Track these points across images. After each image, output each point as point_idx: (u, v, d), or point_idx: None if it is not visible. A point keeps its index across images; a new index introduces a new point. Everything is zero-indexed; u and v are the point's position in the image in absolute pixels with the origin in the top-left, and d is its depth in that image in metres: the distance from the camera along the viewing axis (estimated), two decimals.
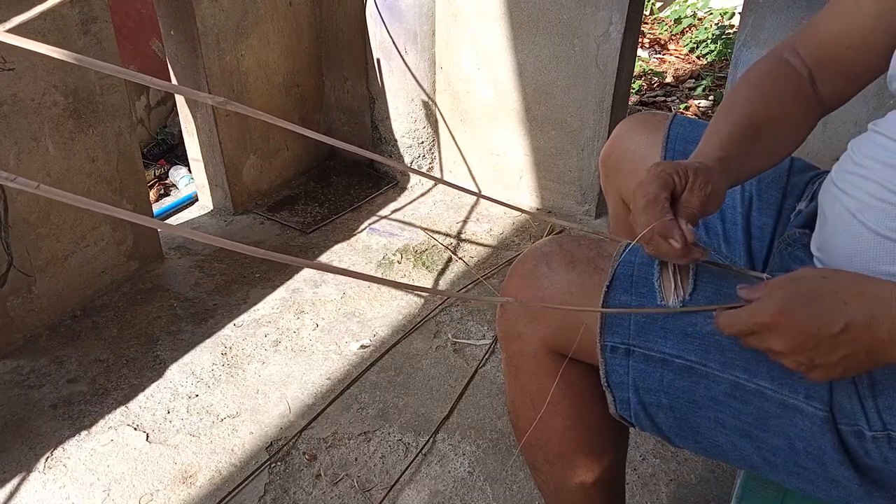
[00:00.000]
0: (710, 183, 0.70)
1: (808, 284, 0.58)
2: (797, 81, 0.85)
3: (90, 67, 0.64)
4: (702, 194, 0.70)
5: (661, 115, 1.03)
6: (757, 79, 0.86)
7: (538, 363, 0.82)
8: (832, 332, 0.55)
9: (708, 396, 0.72)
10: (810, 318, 0.56)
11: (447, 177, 2.35)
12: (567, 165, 2.10)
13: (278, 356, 1.63)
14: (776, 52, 0.87)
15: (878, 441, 0.66)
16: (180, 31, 1.91)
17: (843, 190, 0.76)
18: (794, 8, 1.55)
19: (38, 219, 1.61)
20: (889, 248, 0.69)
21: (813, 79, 0.86)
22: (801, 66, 0.86)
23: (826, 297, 0.56)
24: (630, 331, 0.74)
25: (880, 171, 0.72)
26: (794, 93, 0.85)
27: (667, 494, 1.31)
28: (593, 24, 1.85)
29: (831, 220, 0.78)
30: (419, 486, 1.33)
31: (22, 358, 1.61)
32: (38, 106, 1.54)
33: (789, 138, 0.84)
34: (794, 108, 0.84)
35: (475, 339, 1.69)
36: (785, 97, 0.84)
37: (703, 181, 0.70)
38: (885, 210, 0.70)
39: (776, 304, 0.58)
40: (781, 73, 0.86)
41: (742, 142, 0.79)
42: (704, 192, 0.70)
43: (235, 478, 1.33)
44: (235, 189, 2.15)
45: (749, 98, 0.83)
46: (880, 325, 0.54)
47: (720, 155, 0.76)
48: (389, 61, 2.17)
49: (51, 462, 1.36)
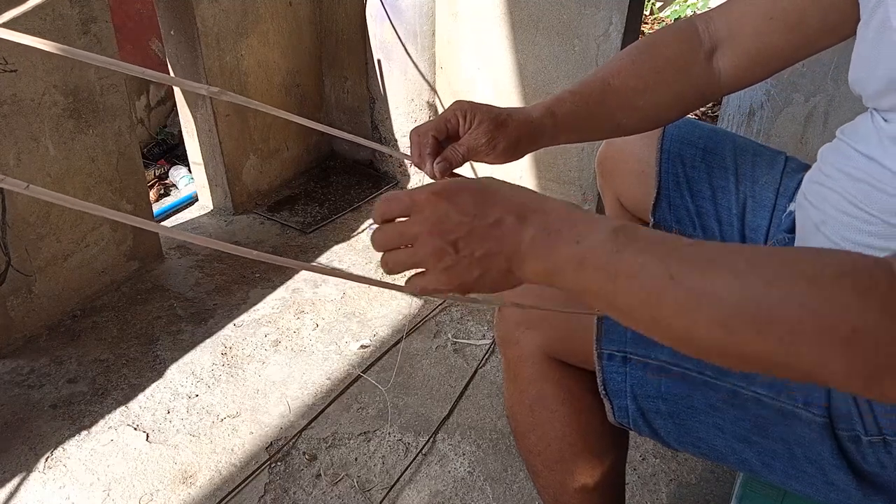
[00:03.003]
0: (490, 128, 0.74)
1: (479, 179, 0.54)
2: (689, 54, 0.81)
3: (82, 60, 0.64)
4: (471, 138, 0.74)
5: None
6: (647, 43, 0.84)
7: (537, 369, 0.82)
8: (485, 222, 0.51)
9: (706, 403, 0.72)
10: (471, 203, 0.51)
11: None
12: (567, 165, 2.10)
13: (278, 356, 1.63)
14: (691, 18, 0.84)
15: (875, 446, 0.66)
16: (180, 30, 1.91)
17: (811, 202, 0.76)
18: None
19: (38, 219, 1.61)
20: None
21: (714, 53, 0.82)
22: (707, 37, 0.82)
23: (492, 189, 0.52)
24: (627, 338, 0.74)
25: (843, 182, 0.71)
26: (679, 65, 0.81)
27: (667, 494, 1.31)
28: (593, 25, 1.85)
29: (800, 232, 0.78)
30: (419, 486, 1.33)
31: (22, 358, 1.61)
32: (37, 106, 1.54)
33: (652, 109, 0.82)
34: (671, 79, 0.82)
35: (475, 339, 1.69)
36: (663, 68, 0.81)
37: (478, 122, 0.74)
38: (847, 223, 0.70)
39: (441, 185, 0.53)
40: (675, 41, 0.82)
41: (580, 102, 0.79)
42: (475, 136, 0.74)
43: (235, 478, 1.34)
44: (235, 189, 2.15)
45: (622, 60, 0.82)
46: (527, 228, 0.50)
47: (543, 111, 0.78)
48: (389, 61, 2.17)
49: (51, 462, 1.36)
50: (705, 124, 1.02)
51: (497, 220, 0.51)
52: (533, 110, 0.78)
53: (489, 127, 0.75)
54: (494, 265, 0.52)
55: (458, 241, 0.52)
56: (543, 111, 0.78)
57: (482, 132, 0.75)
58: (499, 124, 0.75)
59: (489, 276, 0.53)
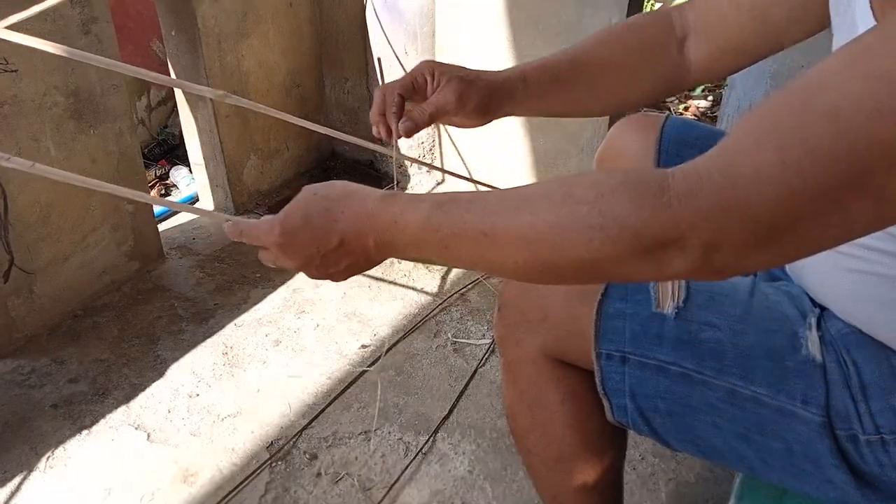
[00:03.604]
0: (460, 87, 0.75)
1: (304, 205, 0.61)
2: (662, 39, 0.83)
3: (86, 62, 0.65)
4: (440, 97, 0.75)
5: (654, 116, 1.04)
6: (622, 25, 0.85)
7: (536, 370, 0.82)
8: (331, 248, 0.60)
9: (704, 402, 0.72)
10: (310, 239, 0.60)
11: (447, 178, 2.35)
12: (567, 166, 2.10)
13: (279, 356, 1.64)
14: (667, 7, 0.86)
15: (872, 445, 0.66)
16: (181, 31, 1.91)
17: None
18: None
19: (39, 220, 1.61)
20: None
21: (686, 41, 0.83)
22: (679, 25, 0.83)
23: (320, 217, 0.59)
24: (625, 338, 0.74)
25: None
26: (651, 50, 0.83)
27: (666, 493, 1.31)
28: (593, 25, 1.85)
29: None
30: (419, 485, 1.33)
31: (23, 358, 1.61)
32: (38, 107, 1.54)
33: (620, 90, 0.83)
34: (641, 62, 0.83)
35: (475, 338, 1.69)
36: (635, 50, 0.82)
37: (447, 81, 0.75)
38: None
39: (279, 230, 0.61)
40: (650, 26, 0.84)
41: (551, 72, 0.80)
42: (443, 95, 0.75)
43: (236, 477, 1.34)
44: (236, 189, 2.16)
45: (597, 38, 0.83)
46: (367, 237, 0.59)
47: (515, 74, 0.79)
48: (390, 62, 2.17)
49: (52, 462, 1.37)
50: (704, 125, 1.02)
51: (340, 242, 0.59)
52: (504, 72, 0.80)
53: (458, 86, 0.76)
54: (359, 266, 0.63)
55: (321, 265, 0.61)
56: (515, 74, 0.80)
57: (451, 90, 0.76)
58: (468, 83, 0.76)
59: (359, 269, 0.64)
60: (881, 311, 0.68)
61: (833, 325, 0.72)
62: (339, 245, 0.60)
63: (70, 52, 0.56)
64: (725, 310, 0.73)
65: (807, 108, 0.44)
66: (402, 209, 0.57)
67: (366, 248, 0.60)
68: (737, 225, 0.45)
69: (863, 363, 0.68)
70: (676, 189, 0.47)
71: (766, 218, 0.45)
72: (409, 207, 0.56)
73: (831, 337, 0.71)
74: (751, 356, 0.70)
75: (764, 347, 0.71)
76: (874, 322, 0.69)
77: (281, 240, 0.61)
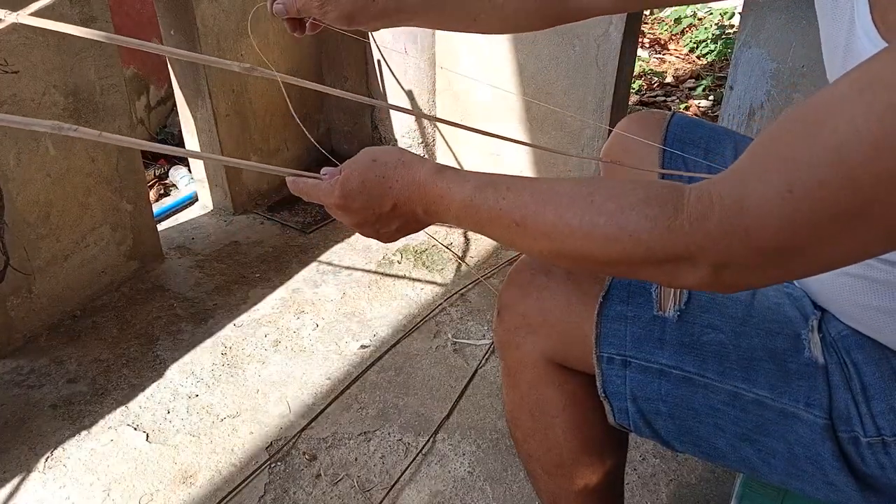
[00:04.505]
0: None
1: (362, 170, 0.65)
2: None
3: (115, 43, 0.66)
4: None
5: (659, 114, 1.03)
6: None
7: (537, 374, 0.81)
8: (384, 211, 0.66)
9: (707, 405, 0.72)
10: (366, 203, 0.65)
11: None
12: (567, 165, 2.10)
13: (278, 356, 1.63)
14: None
15: (874, 447, 0.66)
16: (180, 30, 1.91)
17: None
18: (794, 8, 1.55)
19: (38, 219, 1.61)
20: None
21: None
22: None
23: (376, 183, 0.65)
24: (626, 342, 0.74)
25: None
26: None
27: (667, 494, 1.31)
28: (593, 25, 1.85)
29: None
30: (419, 486, 1.33)
31: (22, 358, 1.61)
32: (38, 106, 1.54)
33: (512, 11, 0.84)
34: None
35: (475, 339, 1.69)
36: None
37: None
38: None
39: (339, 192, 0.66)
40: None
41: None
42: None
43: (235, 478, 1.34)
44: (235, 189, 2.15)
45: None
46: (416, 205, 0.64)
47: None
48: (389, 61, 2.17)
49: (51, 462, 1.37)
50: (708, 123, 1.02)
51: (392, 206, 0.65)
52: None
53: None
54: (410, 227, 0.69)
55: (375, 225, 0.68)
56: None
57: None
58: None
59: (409, 230, 0.70)
60: (876, 314, 0.67)
61: (833, 327, 0.72)
62: (392, 209, 0.65)
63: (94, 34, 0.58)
64: (727, 312, 0.73)
65: (814, 136, 0.45)
66: (448, 186, 0.62)
67: (415, 213, 0.65)
68: (742, 249, 0.48)
69: (863, 365, 0.68)
70: (689, 212, 0.50)
71: (772, 244, 0.47)
72: (455, 185, 0.62)
73: (832, 339, 0.71)
74: (753, 358, 0.70)
75: (766, 349, 0.71)
76: (869, 325, 0.69)
77: (340, 201, 0.66)
